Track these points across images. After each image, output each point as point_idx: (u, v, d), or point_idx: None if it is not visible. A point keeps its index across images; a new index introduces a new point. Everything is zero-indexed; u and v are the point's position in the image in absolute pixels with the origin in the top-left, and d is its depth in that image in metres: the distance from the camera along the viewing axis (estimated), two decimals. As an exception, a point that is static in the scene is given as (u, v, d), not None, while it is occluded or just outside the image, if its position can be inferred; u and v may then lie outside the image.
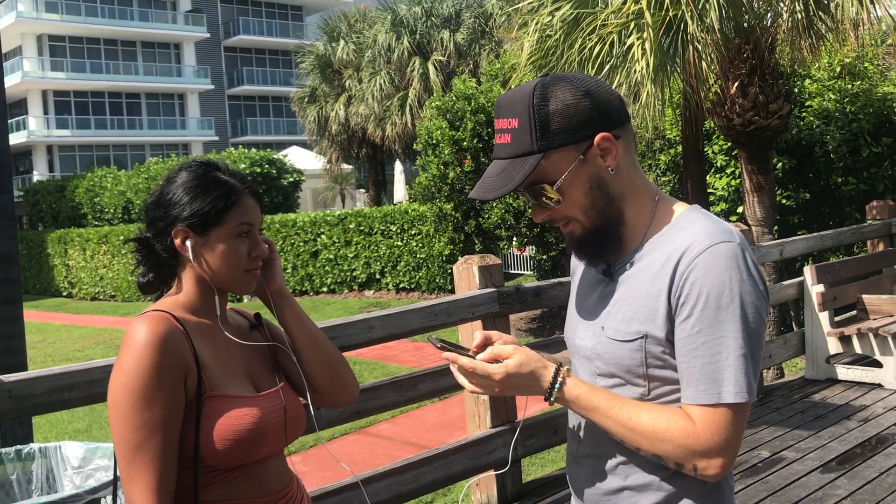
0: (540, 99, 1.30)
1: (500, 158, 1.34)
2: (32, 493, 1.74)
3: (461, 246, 11.14)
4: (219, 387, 1.48)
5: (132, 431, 1.38)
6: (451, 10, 22.06)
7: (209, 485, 1.46)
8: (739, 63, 6.90)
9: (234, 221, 1.52)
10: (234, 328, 1.62)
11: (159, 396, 1.39)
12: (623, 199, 1.36)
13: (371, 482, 3.22)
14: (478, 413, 3.80)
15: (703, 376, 1.25)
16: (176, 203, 1.52)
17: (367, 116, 21.79)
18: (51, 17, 36.49)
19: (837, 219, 8.71)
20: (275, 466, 1.56)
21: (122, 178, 23.16)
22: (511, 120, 1.32)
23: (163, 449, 1.39)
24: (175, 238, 1.53)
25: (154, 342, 1.40)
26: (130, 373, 1.40)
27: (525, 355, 1.33)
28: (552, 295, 4.06)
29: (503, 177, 1.32)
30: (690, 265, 1.27)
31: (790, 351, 5.84)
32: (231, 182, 1.55)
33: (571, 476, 1.50)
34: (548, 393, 1.33)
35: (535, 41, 6.61)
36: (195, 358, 1.46)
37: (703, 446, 1.25)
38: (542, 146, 1.30)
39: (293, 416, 1.59)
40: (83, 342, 14.13)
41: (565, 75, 1.34)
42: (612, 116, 1.32)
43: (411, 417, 7.39)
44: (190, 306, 1.54)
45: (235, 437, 1.44)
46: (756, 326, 1.26)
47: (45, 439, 7.57)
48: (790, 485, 3.83)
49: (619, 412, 1.30)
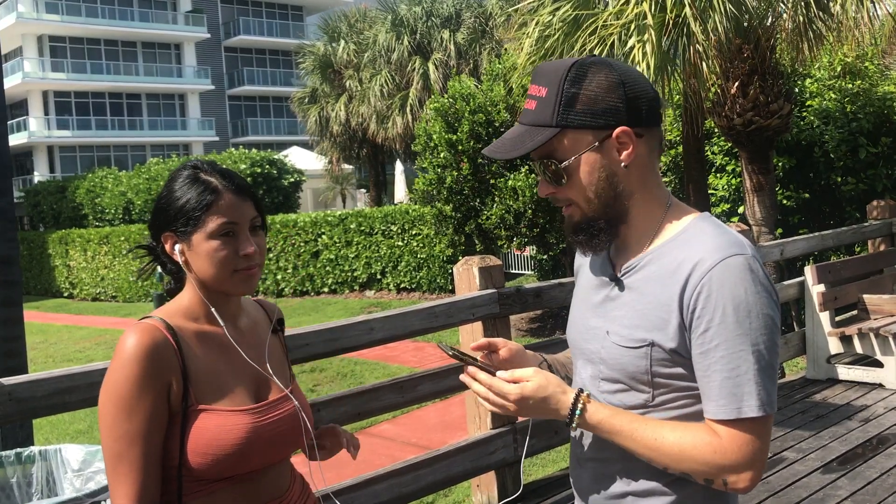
0: (574, 76, 1.30)
1: (522, 123, 1.35)
2: (33, 497, 1.75)
3: (462, 247, 11.13)
4: (208, 399, 1.45)
5: (114, 441, 1.39)
6: (451, 9, 22.05)
7: (194, 493, 1.44)
8: (740, 63, 6.89)
9: (214, 222, 1.47)
10: (246, 329, 1.59)
11: (140, 408, 1.39)
12: (630, 198, 1.35)
13: (372, 483, 3.22)
14: (478, 414, 3.80)
15: (723, 391, 1.25)
16: (162, 209, 1.52)
17: (368, 116, 21.80)
18: (51, 18, 36.49)
19: (838, 218, 8.71)
20: (270, 475, 1.53)
21: (122, 179, 23.17)
22: (541, 88, 1.32)
23: (143, 459, 1.39)
24: (165, 244, 1.52)
25: (138, 354, 1.39)
26: (113, 383, 1.40)
27: (544, 379, 1.32)
28: (552, 296, 4.05)
29: (517, 141, 1.33)
30: (703, 279, 1.26)
31: (791, 351, 5.84)
32: (209, 181, 1.49)
33: (575, 479, 1.49)
34: (568, 419, 1.32)
35: (535, 41, 6.61)
36: (183, 369, 1.44)
37: (731, 461, 1.25)
38: (560, 122, 1.30)
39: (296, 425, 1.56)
40: (84, 343, 14.13)
41: (609, 61, 1.33)
42: (640, 114, 1.31)
43: (412, 418, 7.39)
44: (191, 312, 1.52)
45: (218, 453, 1.42)
46: (772, 337, 1.26)
47: (46, 440, 7.58)
48: (791, 485, 3.82)
49: (643, 434, 1.29)
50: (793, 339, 5.85)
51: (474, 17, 21.70)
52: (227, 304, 1.55)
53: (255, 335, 1.61)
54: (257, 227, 1.53)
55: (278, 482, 1.56)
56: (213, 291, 1.52)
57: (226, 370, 1.51)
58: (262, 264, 1.53)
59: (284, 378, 1.61)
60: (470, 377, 1.35)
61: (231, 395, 1.49)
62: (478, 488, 3.88)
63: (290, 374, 1.67)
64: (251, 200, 1.53)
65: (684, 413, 1.33)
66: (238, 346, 1.54)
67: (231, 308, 1.57)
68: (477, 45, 21.38)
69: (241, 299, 1.61)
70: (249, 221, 1.51)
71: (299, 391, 1.64)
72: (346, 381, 9.09)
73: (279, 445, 1.52)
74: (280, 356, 1.65)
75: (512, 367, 1.40)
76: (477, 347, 1.42)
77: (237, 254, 1.48)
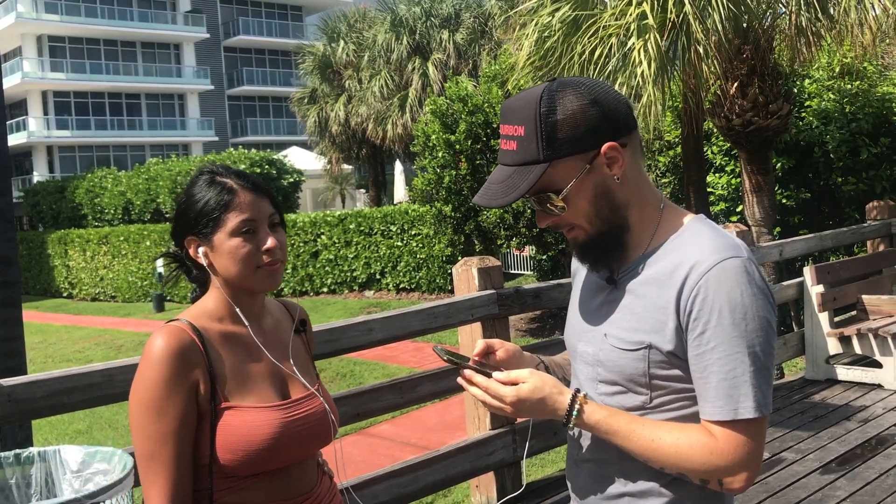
0: (547, 107, 1.29)
1: (506, 165, 1.33)
2: (31, 498, 1.74)
3: (461, 247, 11.14)
4: (235, 397, 1.49)
5: (145, 440, 1.43)
6: (450, 10, 22.05)
7: (225, 489, 1.48)
8: (739, 63, 6.89)
9: (234, 220, 1.51)
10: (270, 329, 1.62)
11: (169, 408, 1.42)
12: (628, 208, 1.36)
13: (371, 484, 3.23)
14: (477, 415, 3.80)
15: (719, 392, 1.26)
16: (183, 214, 1.55)
17: (368, 117, 21.80)
18: (50, 18, 36.48)
19: (837, 219, 8.71)
20: (298, 470, 1.56)
21: (122, 179, 23.18)
22: (517, 127, 1.31)
23: (175, 457, 1.42)
24: (188, 249, 1.56)
25: (165, 355, 1.43)
26: (142, 385, 1.44)
27: (540, 380, 1.33)
28: (551, 296, 4.06)
29: (508, 185, 1.31)
30: (700, 281, 1.26)
31: (790, 351, 5.85)
32: (225, 182, 1.53)
33: (572, 480, 1.50)
34: (565, 420, 1.33)
35: (535, 42, 6.61)
36: (210, 369, 1.47)
37: (727, 462, 1.26)
38: (548, 156, 1.29)
39: (324, 422, 1.58)
40: (83, 343, 14.14)
41: (573, 81, 1.33)
42: (619, 124, 1.31)
43: (412, 418, 7.39)
44: (216, 314, 1.55)
45: (248, 449, 1.45)
46: (768, 339, 1.27)
47: (45, 441, 7.58)
48: (790, 486, 3.83)
49: (640, 435, 1.30)
50: (792, 340, 5.85)
51: (473, 17, 21.70)
52: (251, 304, 1.58)
53: (279, 334, 1.64)
54: (276, 223, 1.57)
55: (307, 478, 1.59)
56: (237, 291, 1.55)
57: (251, 369, 1.54)
58: (284, 260, 1.56)
59: (310, 376, 1.64)
60: (466, 380, 1.36)
61: (258, 392, 1.52)
62: (477, 489, 3.88)
63: (315, 373, 1.69)
64: (268, 198, 1.57)
65: (682, 415, 1.33)
66: (262, 346, 1.57)
67: (255, 308, 1.60)
68: (476, 45, 21.38)
69: (264, 300, 1.64)
70: (268, 218, 1.55)
71: (324, 389, 1.66)
72: (346, 381, 9.09)
73: (307, 442, 1.55)
74: (304, 355, 1.67)
75: (508, 368, 1.41)
76: (479, 355, 1.42)
77: (259, 250, 1.52)
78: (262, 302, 1.63)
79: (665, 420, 1.33)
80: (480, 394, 1.34)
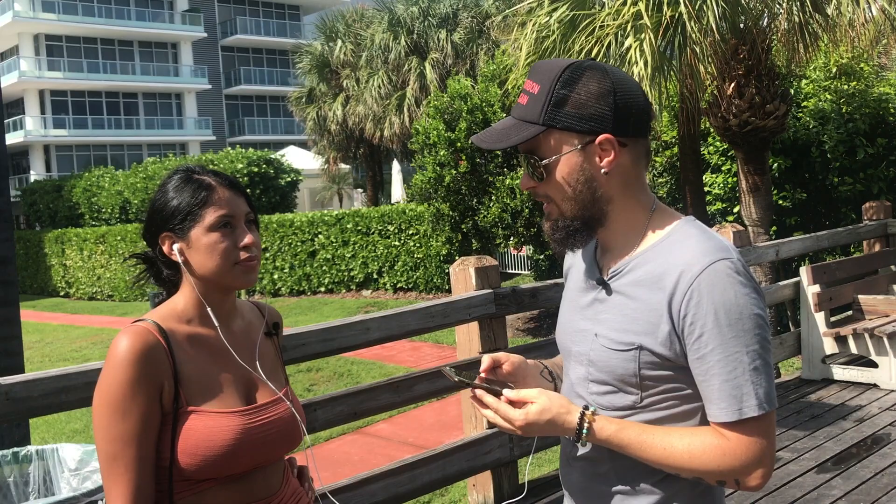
0: (568, 78, 1.32)
1: (513, 117, 1.37)
2: (30, 496, 1.75)
3: (458, 246, 11.15)
4: (198, 401, 1.48)
5: (108, 442, 1.42)
6: (448, 9, 22.04)
7: (184, 492, 1.47)
8: (736, 64, 6.90)
9: (212, 215, 1.51)
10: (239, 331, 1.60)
11: (133, 409, 1.41)
12: (609, 203, 1.37)
13: (368, 483, 3.23)
14: (475, 414, 3.81)
15: (722, 394, 1.27)
16: (158, 211, 1.55)
17: (365, 116, 21.79)
18: (48, 17, 36.43)
19: (833, 219, 8.73)
20: (261, 475, 1.55)
21: (119, 178, 23.13)
22: (535, 85, 1.34)
23: (138, 459, 1.42)
24: (162, 245, 1.54)
25: (129, 357, 1.42)
26: (106, 386, 1.42)
27: (547, 401, 1.34)
28: (548, 296, 4.06)
29: (504, 133, 1.36)
30: (692, 284, 1.28)
31: (786, 351, 5.86)
32: (202, 179, 1.54)
33: (564, 478, 1.51)
34: (575, 438, 1.34)
35: (533, 42, 6.62)
36: (174, 371, 1.46)
37: (741, 462, 1.28)
38: (546, 121, 1.32)
39: (290, 427, 1.57)
40: (81, 342, 14.13)
41: (606, 67, 1.35)
42: (626, 124, 1.33)
43: (409, 417, 7.40)
44: (186, 314, 1.54)
45: (208, 454, 1.45)
46: (764, 335, 1.28)
47: (42, 440, 7.57)
48: (785, 485, 3.84)
49: (652, 445, 1.31)
50: (788, 340, 5.87)
51: (471, 17, 21.68)
52: (222, 304, 1.57)
53: (249, 337, 1.62)
54: (251, 221, 1.57)
55: (269, 483, 1.57)
56: (210, 290, 1.54)
57: (217, 372, 1.53)
58: (259, 258, 1.57)
59: (277, 380, 1.62)
60: (478, 401, 1.37)
61: (221, 396, 1.51)
62: (474, 488, 3.89)
63: (284, 377, 1.68)
64: (244, 196, 1.58)
65: (672, 413, 1.35)
66: (231, 349, 1.55)
67: (226, 309, 1.58)
68: (474, 44, 21.37)
69: (235, 301, 1.63)
70: (244, 216, 1.56)
71: (293, 393, 1.65)
72: (343, 380, 9.09)
73: (270, 447, 1.54)
74: (273, 359, 1.66)
75: (515, 380, 1.44)
76: (486, 371, 1.43)
77: (236, 246, 1.52)
78: (234, 302, 1.61)
79: (656, 419, 1.35)
80: (492, 415, 1.36)
